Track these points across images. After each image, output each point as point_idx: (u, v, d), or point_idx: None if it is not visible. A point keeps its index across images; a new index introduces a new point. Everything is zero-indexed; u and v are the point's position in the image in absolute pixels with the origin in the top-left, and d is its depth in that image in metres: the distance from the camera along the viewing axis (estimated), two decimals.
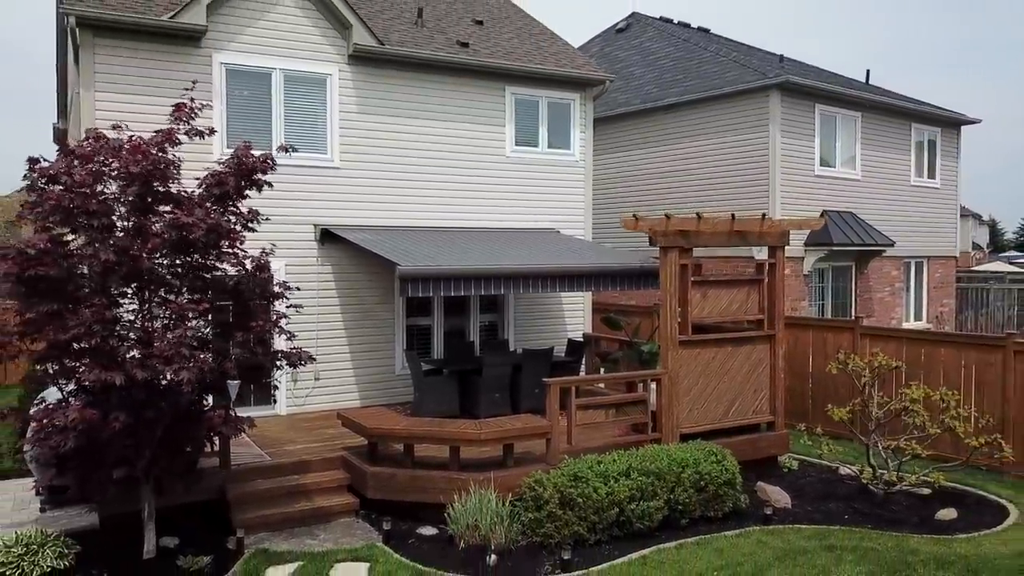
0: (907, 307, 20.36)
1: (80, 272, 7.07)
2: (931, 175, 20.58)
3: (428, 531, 8.57)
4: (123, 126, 7.57)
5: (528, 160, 14.02)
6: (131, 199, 7.06)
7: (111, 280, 6.98)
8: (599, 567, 7.64)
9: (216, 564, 7.64)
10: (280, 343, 8.47)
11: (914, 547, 8.20)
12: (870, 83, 21.42)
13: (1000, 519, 9.19)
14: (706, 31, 23.69)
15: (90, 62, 10.52)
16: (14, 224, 41.27)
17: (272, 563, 7.68)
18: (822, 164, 17.64)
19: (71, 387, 7.43)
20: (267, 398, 11.57)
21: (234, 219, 7.77)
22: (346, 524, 8.91)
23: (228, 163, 7.75)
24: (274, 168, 7.96)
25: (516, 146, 13.92)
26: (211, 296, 7.76)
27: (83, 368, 6.79)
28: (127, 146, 7.10)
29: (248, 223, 7.89)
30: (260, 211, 8.07)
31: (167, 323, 7.35)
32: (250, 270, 7.96)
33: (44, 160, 7.01)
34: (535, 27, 16.07)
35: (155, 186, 7.26)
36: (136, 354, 6.97)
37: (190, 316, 7.22)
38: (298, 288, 9.29)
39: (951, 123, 21.06)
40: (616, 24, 23.34)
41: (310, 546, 8.20)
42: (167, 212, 7.43)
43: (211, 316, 7.62)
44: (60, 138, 19.57)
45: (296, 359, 7.96)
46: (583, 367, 13.69)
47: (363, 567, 7.59)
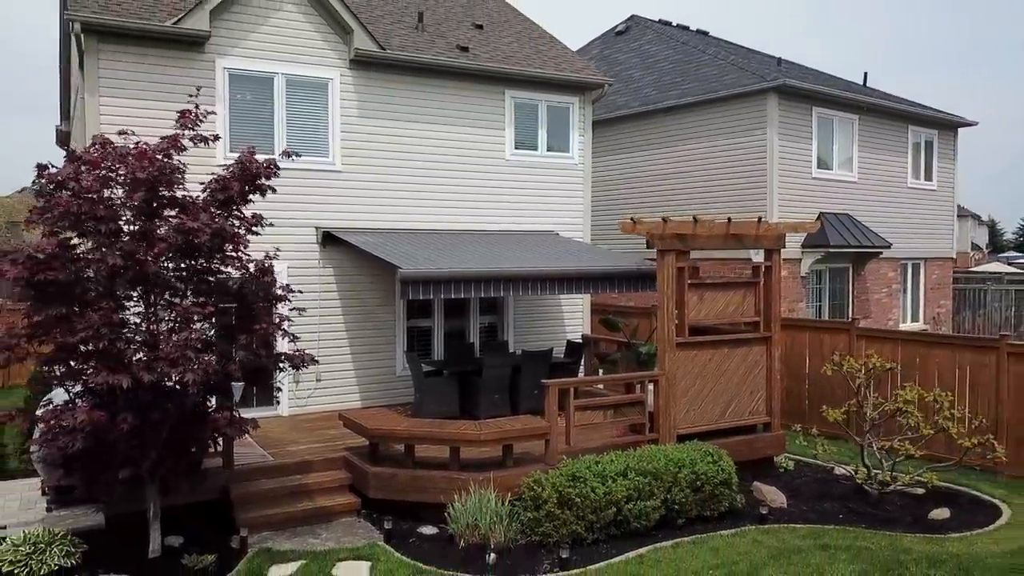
0: (904, 308, 20.48)
1: (87, 276, 7.20)
2: (928, 177, 20.69)
3: (429, 530, 8.68)
4: (129, 132, 7.70)
5: (527, 163, 14.15)
6: (137, 204, 7.18)
7: (118, 284, 7.12)
8: (597, 566, 7.76)
9: (220, 563, 7.75)
10: (283, 345, 8.59)
11: (907, 546, 8.32)
12: (867, 85, 21.54)
13: (992, 519, 9.31)
14: (705, 33, 23.81)
15: (95, 67, 10.64)
16: (15, 224, 41.43)
17: (275, 562, 7.80)
18: (819, 166, 17.75)
19: (78, 388, 7.55)
20: (269, 399, 11.69)
21: (238, 223, 7.89)
22: (348, 523, 9.03)
23: (232, 168, 7.88)
24: (278, 173, 8.09)
25: (516, 149, 14.04)
26: (215, 299, 7.87)
27: (90, 370, 6.92)
28: (134, 152, 7.22)
29: (252, 227, 8.02)
30: (263, 214, 8.18)
31: (172, 326, 7.49)
32: (254, 273, 8.08)
33: (52, 166, 7.15)
34: (534, 31, 16.19)
35: (161, 191, 7.40)
36: (142, 356, 7.10)
37: (195, 319, 7.34)
38: (300, 291, 9.40)
39: (948, 125, 21.17)
40: (615, 27, 23.43)
41: (312, 545, 8.32)
42: (172, 217, 7.57)
43: (215, 319, 7.74)
44: (63, 140, 19.69)
45: (299, 361, 8.08)
46: (582, 368, 13.81)
47: (365, 566, 7.70)
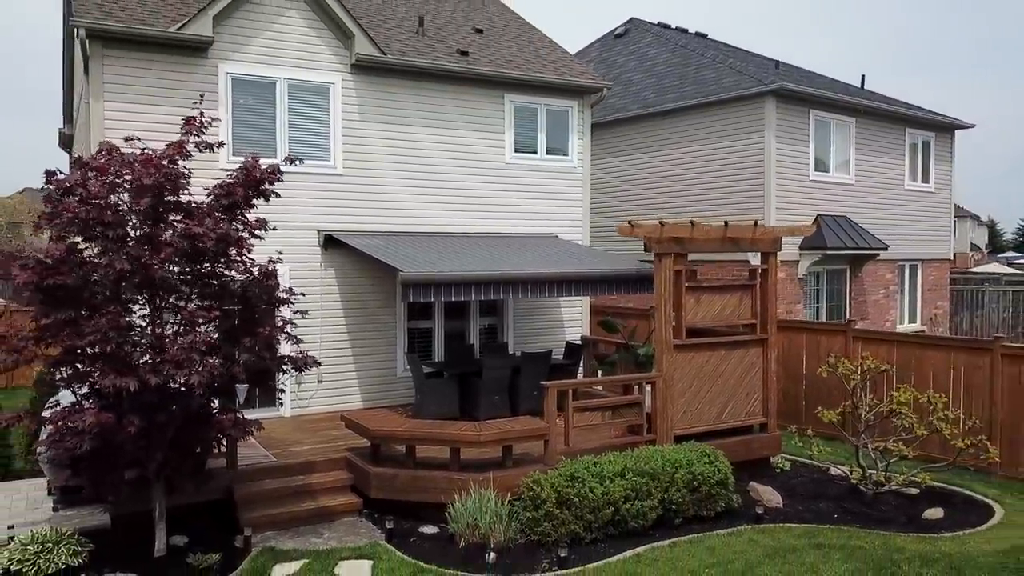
0: (901, 309, 20.61)
1: (94, 280, 7.33)
2: (925, 179, 20.82)
3: (429, 530, 8.80)
4: (135, 138, 7.84)
5: (527, 166, 14.27)
6: (143, 209, 7.31)
7: (125, 288, 7.25)
8: (595, 564, 7.88)
9: (224, 562, 7.87)
10: (286, 348, 8.71)
11: (900, 545, 8.45)
12: (865, 88, 21.68)
13: (985, 518, 9.44)
14: (704, 36, 23.94)
15: (99, 72, 10.76)
16: (16, 225, 41.64)
17: (279, 561, 7.93)
18: (817, 169, 17.88)
19: (84, 390, 7.68)
20: (272, 400, 11.77)
21: (242, 227, 8.02)
22: (350, 523, 9.16)
23: (236, 174, 8.01)
24: (281, 179, 8.22)
25: (515, 152, 14.16)
26: (219, 302, 7.98)
27: (98, 373, 7.05)
28: (140, 159, 7.35)
29: (255, 231, 8.15)
30: (266, 217, 8.29)
31: (177, 329, 7.62)
32: (257, 277, 8.20)
33: (60, 172, 7.28)
34: (534, 34, 16.32)
35: (166, 196, 7.53)
36: (148, 359, 7.23)
37: (200, 322, 7.47)
38: (303, 294, 9.51)
39: (945, 128, 21.29)
40: (615, 29, 23.56)
41: (315, 544, 8.45)
42: (177, 221, 7.70)
43: (219, 322, 7.86)
44: (65, 143, 19.83)
45: (302, 363, 8.20)
46: (581, 369, 13.94)
47: (367, 565, 7.83)
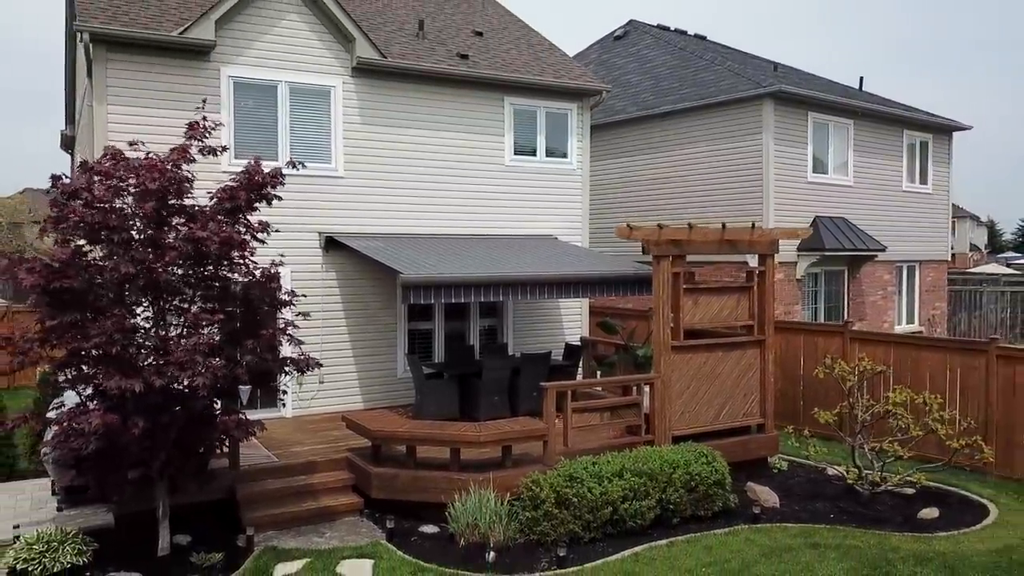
0: (899, 310, 20.70)
1: (98, 283, 7.42)
2: (923, 181, 20.91)
3: (430, 529, 8.90)
4: (140, 143, 7.94)
5: (527, 169, 14.37)
6: (147, 213, 7.41)
7: (129, 291, 7.35)
8: (593, 564, 7.98)
9: (227, 561, 7.99)
10: (288, 349, 8.81)
11: (895, 545, 8.55)
12: (863, 90, 21.78)
13: (980, 518, 9.53)
14: (703, 38, 24.03)
15: (103, 76, 10.86)
16: (17, 225, 41.71)
17: (281, 560, 8.03)
18: (815, 170, 17.97)
19: (89, 391, 7.79)
20: (273, 401, 11.83)
21: (244, 230, 8.11)
22: (351, 523, 9.26)
23: (239, 177, 8.11)
24: (283, 183, 8.32)
25: (515, 155, 14.26)
26: (222, 305, 8.09)
27: (103, 374, 7.14)
28: (145, 164, 7.45)
29: (257, 235, 8.24)
30: (267, 219, 8.40)
31: (181, 331, 7.72)
32: (260, 279, 8.30)
33: (66, 177, 7.38)
34: (533, 37, 16.42)
35: (170, 200, 7.63)
36: (152, 361, 7.33)
37: (204, 325, 7.57)
38: (304, 296, 9.60)
39: (942, 129, 21.38)
40: (614, 31, 23.65)
41: (317, 544, 8.55)
42: (180, 224, 7.81)
43: (222, 324, 7.96)
44: (67, 144, 19.94)
45: (304, 365, 8.30)
46: (580, 370, 14.04)
47: (368, 564, 7.93)
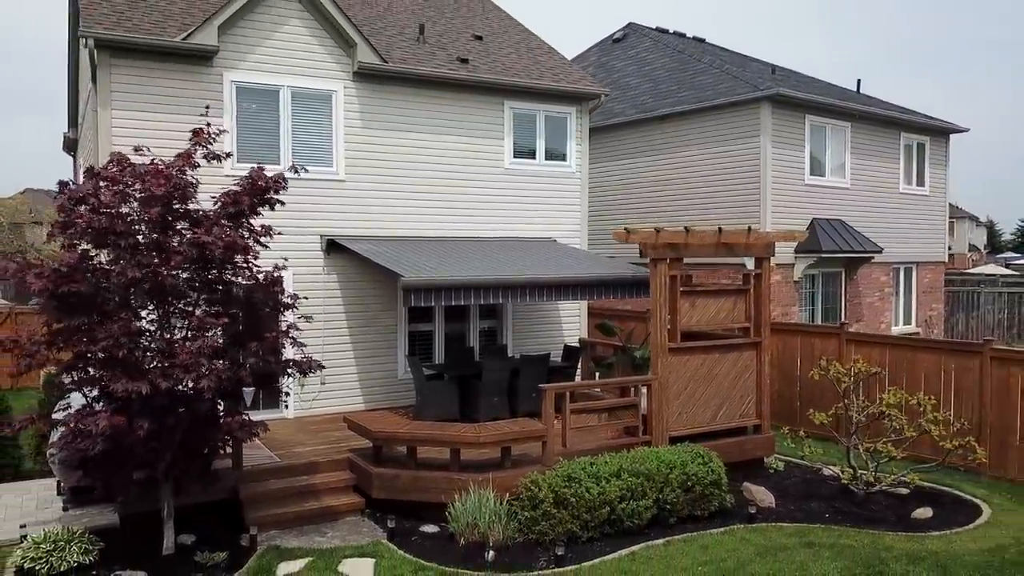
0: (896, 311, 20.83)
1: (105, 286, 7.55)
2: (920, 182, 21.04)
3: (430, 529, 9.03)
4: (145, 149, 8.07)
5: (526, 172, 14.50)
6: (153, 218, 7.54)
7: (136, 295, 7.49)
8: (591, 563, 8.11)
9: (231, 560, 8.12)
10: (290, 352, 8.94)
11: (889, 544, 8.68)
12: (861, 92, 21.92)
13: (973, 518, 9.66)
14: (701, 40, 24.16)
15: (107, 81, 10.99)
16: (18, 226, 41.89)
17: (284, 559, 8.16)
18: (812, 173, 18.09)
19: (95, 393, 7.92)
20: (275, 402, 12.00)
21: (248, 235, 8.24)
22: (353, 522, 9.40)
23: (242, 182, 8.24)
24: (286, 187, 8.44)
25: (514, 158, 14.39)
26: (226, 308, 8.23)
27: (110, 377, 7.27)
28: (151, 170, 7.59)
29: (260, 239, 8.37)
30: (270, 223, 8.51)
31: (186, 334, 7.85)
32: (263, 282, 8.42)
33: (73, 183, 7.51)
34: (533, 41, 16.55)
35: (175, 206, 7.77)
36: (158, 364, 7.46)
37: (208, 328, 7.70)
38: (306, 297, 9.74)
39: (939, 131, 21.51)
40: (613, 34, 23.78)
41: (319, 543, 8.69)
42: (185, 229, 7.94)
43: (226, 327, 8.08)
44: (70, 147, 20.08)
45: (306, 367, 8.43)
46: (579, 372, 14.17)
47: (369, 563, 8.06)
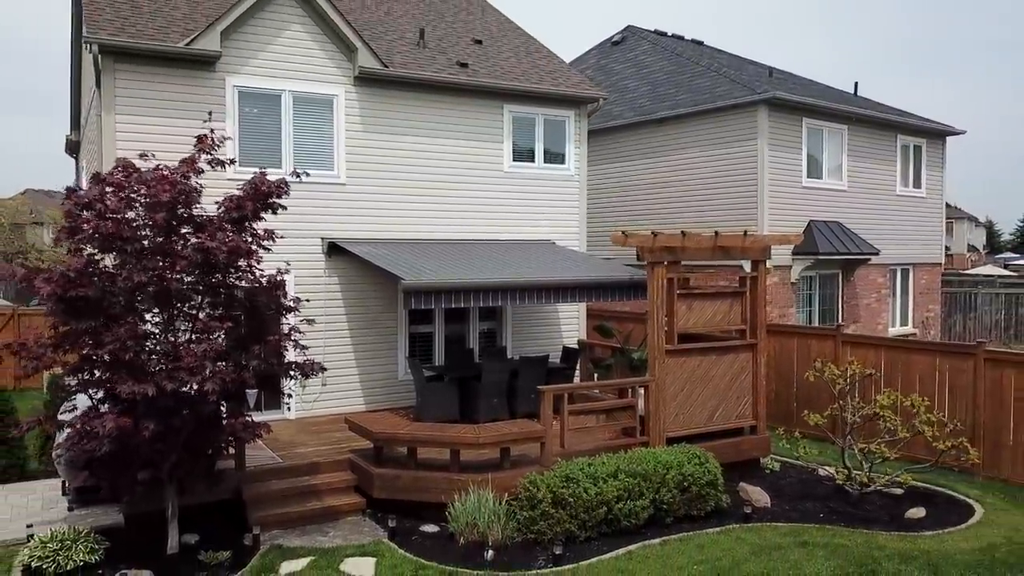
0: (893, 313, 20.97)
1: (111, 291, 7.69)
2: (917, 184, 21.18)
3: (430, 528, 9.15)
4: (150, 155, 8.21)
5: (525, 175, 14.63)
6: (158, 223, 7.67)
7: (143, 299, 7.63)
8: (588, 561, 8.25)
9: (234, 559, 8.25)
10: (292, 354, 9.07)
11: (882, 543, 8.82)
12: (858, 95, 22.05)
13: (965, 517, 9.79)
14: (700, 43, 24.30)
15: (111, 86, 11.12)
16: (19, 226, 42.11)
17: (287, 558, 8.30)
18: (809, 175, 18.23)
19: (100, 395, 8.06)
20: (277, 403, 12.17)
21: (251, 239, 8.37)
22: (354, 522, 9.53)
23: (246, 188, 8.37)
24: (288, 192, 8.58)
25: (513, 161, 14.53)
26: (229, 311, 8.36)
27: (116, 379, 7.41)
28: (155, 176, 7.73)
29: (263, 243, 8.50)
30: (272, 226, 8.63)
31: (190, 337, 7.99)
32: (266, 286, 8.56)
33: (80, 189, 7.65)
34: (532, 44, 16.68)
35: (179, 211, 7.90)
36: (163, 366, 7.60)
37: (213, 331, 7.84)
38: (308, 300, 9.88)
39: (936, 134, 21.65)
40: (612, 37, 23.91)
41: (321, 542, 8.82)
42: (189, 233, 8.08)
43: (230, 330, 8.22)
44: (72, 149, 20.22)
45: (309, 370, 8.57)
46: (577, 373, 14.30)
47: (371, 562, 8.19)
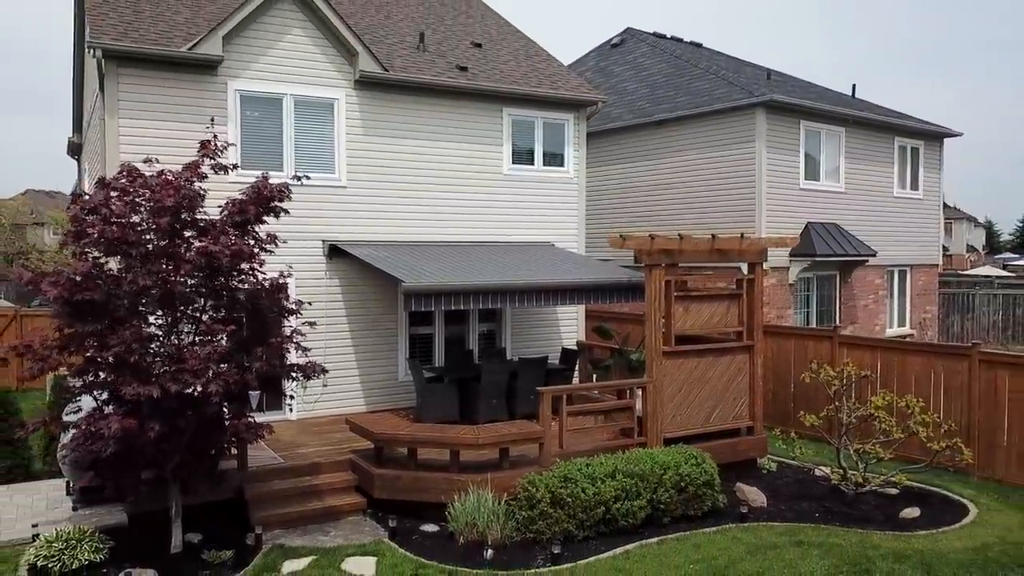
0: (890, 314, 21.08)
1: (116, 294, 7.80)
2: (914, 186, 21.28)
3: (430, 528, 9.27)
4: (154, 159, 8.32)
5: (524, 177, 14.74)
6: (162, 227, 7.78)
7: (148, 302, 7.75)
8: (586, 561, 8.37)
9: (237, 558, 8.37)
10: (294, 356, 9.19)
11: (876, 543, 8.94)
12: (855, 97, 22.16)
13: (959, 517, 9.90)
14: (698, 45, 24.41)
15: (114, 91, 11.24)
16: (19, 227, 42.31)
17: (289, 557, 8.42)
18: (807, 177, 18.33)
19: (104, 396, 8.18)
20: (279, 404, 12.28)
21: (253, 242, 8.49)
22: (355, 522, 9.64)
23: (248, 192, 8.49)
24: (290, 196, 8.70)
25: (513, 164, 14.64)
26: (232, 313, 8.47)
27: (120, 381, 7.52)
28: (159, 181, 7.84)
29: (266, 247, 8.61)
30: (273, 228, 8.74)
31: (194, 339, 8.10)
32: (269, 289, 8.67)
33: (86, 194, 7.76)
34: (532, 48, 16.80)
35: (183, 215, 8.02)
36: (167, 368, 7.71)
37: (216, 334, 7.95)
38: (310, 303, 9.98)
39: (933, 136, 21.75)
40: (611, 39, 24.03)
41: (323, 542, 8.94)
42: (192, 237, 8.20)
43: (232, 333, 8.33)
44: (74, 151, 20.33)
45: (311, 372, 8.67)
46: (576, 374, 14.42)
47: (371, 561, 8.31)
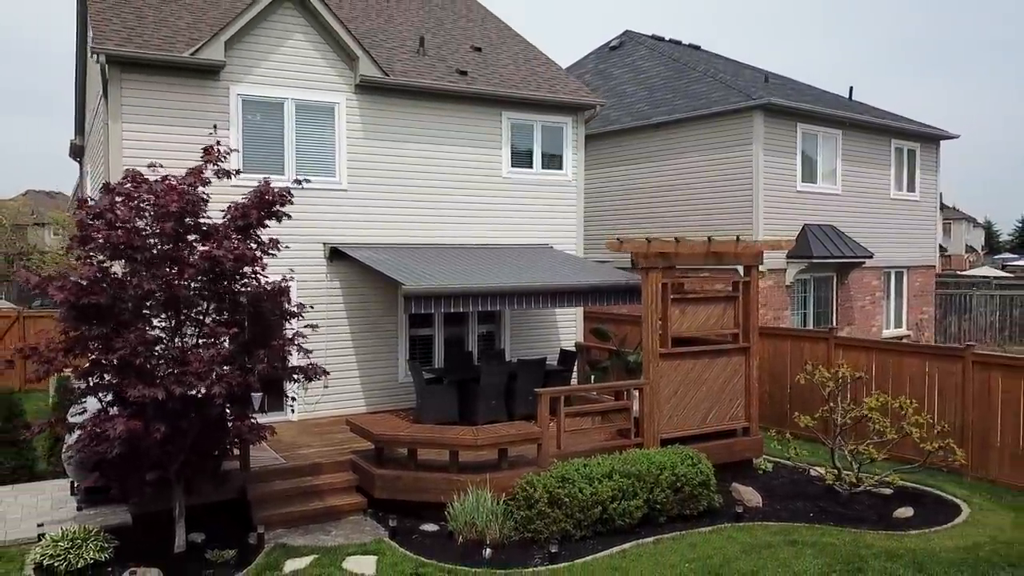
0: (887, 315, 21.21)
1: (120, 297, 7.94)
2: (911, 188, 21.41)
3: (430, 528, 9.40)
4: (158, 165, 8.46)
5: (523, 180, 14.88)
6: (167, 232, 7.92)
7: (152, 306, 7.88)
8: (583, 560, 8.50)
9: (240, 557, 8.51)
10: (296, 358, 9.32)
11: (869, 542, 9.07)
12: (853, 99, 22.29)
13: (952, 517, 10.03)
14: (696, 48, 24.54)
15: (118, 96, 11.37)
16: (20, 227, 42.50)
17: (290, 556, 8.54)
18: (804, 180, 18.45)
19: (109, 398, 8.31)
20: (280, 405, 12.41)
21: (256, 246, 8.62)
22: (356, 521, 9.78)
23: (251, 196, 8.62)
24: (292, 200, 8.83)
25: (512, 167, 14.77)
26: (234, 316, 8.61)
27: (126, 382, 7.65)
28: (163, 186, 7.98)
29: (268, 251, 8.75)
30: (275, 231, 8.89)
31: (198, 343, 8.23)
32: (271, 292, 8.81)
33: (91, 200, 7.90)
34: (531, 52, 16.93)
35: (186, 220, 8.15)
36: (171, 371, 7.84)
37: (220, 337, 8.08)
38: (311, 307, 10.12)
39: (930, 138, 21.88)
40: (610, 42, 24.17)
41: (324, 541, 9.07)
42: (195, 241, 8.34)
43: (235, 335, 8.46)
44: (76, 153, 20.49)
45: (312, 374, 8.81)
46: (574, 375, 14.55)
47: (372, 560, 8.44)
